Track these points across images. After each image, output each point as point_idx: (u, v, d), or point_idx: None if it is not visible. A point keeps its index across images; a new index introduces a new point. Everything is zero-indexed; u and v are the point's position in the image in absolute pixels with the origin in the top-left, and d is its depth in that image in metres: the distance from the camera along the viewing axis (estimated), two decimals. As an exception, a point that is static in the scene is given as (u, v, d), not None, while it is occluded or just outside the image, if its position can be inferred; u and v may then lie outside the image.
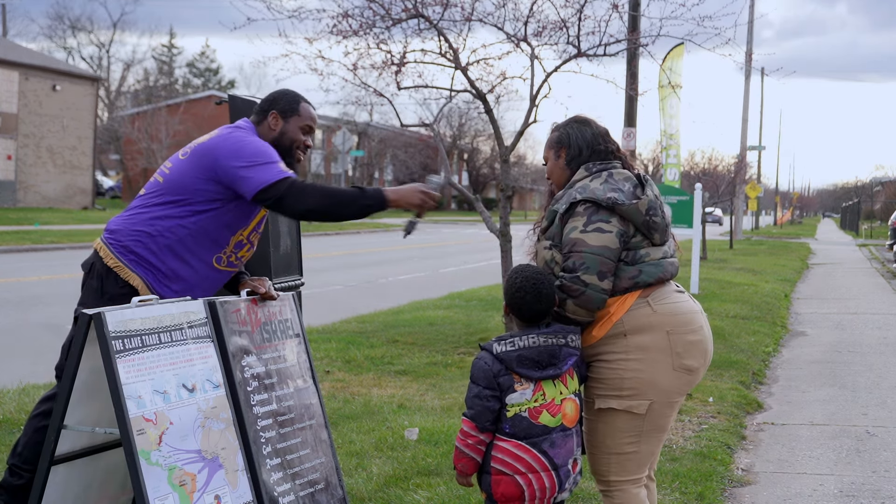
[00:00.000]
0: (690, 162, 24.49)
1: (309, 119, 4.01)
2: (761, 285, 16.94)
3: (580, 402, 3.44)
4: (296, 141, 3.97)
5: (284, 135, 3.95)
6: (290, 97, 4.02)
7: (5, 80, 38.62)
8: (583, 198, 3.39)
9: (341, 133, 42.24)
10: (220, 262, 3.89)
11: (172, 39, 72.60)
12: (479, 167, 74.03)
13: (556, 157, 3.61)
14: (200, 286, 3.88)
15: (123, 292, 3.73)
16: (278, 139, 3.94)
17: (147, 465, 3.21)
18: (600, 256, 3.32)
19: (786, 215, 77.79)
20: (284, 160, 3.91)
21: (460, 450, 3.37)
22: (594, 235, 3.33)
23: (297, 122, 3.97)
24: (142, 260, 3.77)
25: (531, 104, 9.34)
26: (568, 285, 3.34)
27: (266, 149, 3.80)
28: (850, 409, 7.46)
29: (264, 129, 3.96)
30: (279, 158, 3.79)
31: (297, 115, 3.97)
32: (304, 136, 4.00)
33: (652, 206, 3.43)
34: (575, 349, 3.36)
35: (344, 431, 5.87)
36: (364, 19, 9.38)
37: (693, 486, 5.12)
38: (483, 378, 3.30)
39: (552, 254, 3.45)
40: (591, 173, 3.51)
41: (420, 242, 31.21)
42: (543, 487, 3.31)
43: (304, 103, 4.03)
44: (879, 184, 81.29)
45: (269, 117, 3.97)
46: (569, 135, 3.59)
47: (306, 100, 4.06)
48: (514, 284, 3.39)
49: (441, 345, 9.35)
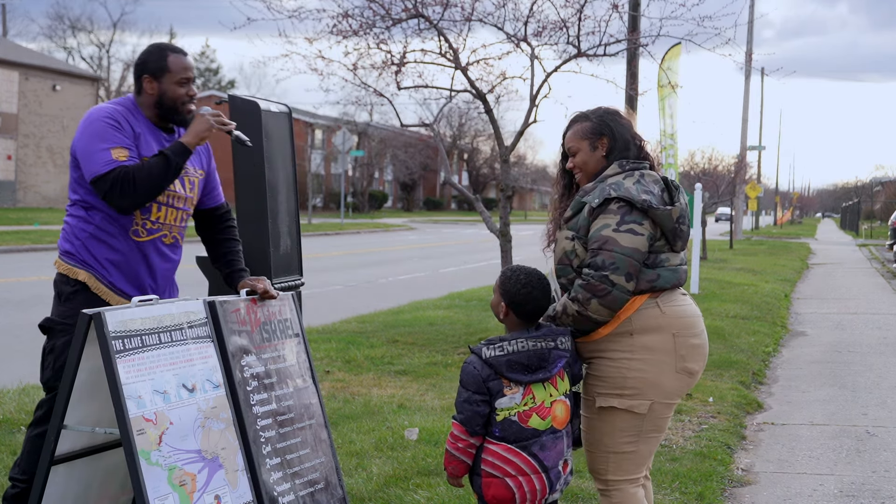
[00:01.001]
0: (690, 162, 24.47)
1: (182, 71, 3.89)
2: (761, 285, 16.93)
3: (571, 403, 3.43)
4: (177, 98, 3.88)
5: (164, 95, 3.87)
6: (156, 54, 3.91)
7: (5, 80, 38.62)
8: (617, 195, 3.34)
9: (341, 133, 42.24)
10: (138, 235, 3.84)
11: (172, 39, 72.57)
12: (479, 167, 74.05)
13: (593, 147, 3.51)
14: (143, 265, 3.87)
15: (76, 289, 3.80)
16: (159, 102, 3.88)
17: (147, 465, 3.21)
18: (630, 258, 3.30)
19: (786, 215, 77.75)
20: (174, 121, 3.88)
21: (451, 453, 3.36)
22: (627, 236, 3.30)
23: (171, 79, 3.87)
24: (77, 256, 3.83)
25: (531, 104, 9.34)
26: (595, 284, 3.30)
27: (99, 131, 3.73)
28: (850, 409, 7.46)
29: (144, 97, 3.90)
30: (113, 143, 3.70)
31: (168, 71, 3.87)
32: (183, 88, 3.89)
33: (683, 213, 3.42)
34: (564, 351, 3.35)
35: (344, 431, 5.87)
36: (364, 19, 9.38)
37: (693, 486, 5.12)
38: (472, 383, 3.28)
39: (573, 245, 3.40)
40: (624, 170, 3.46)
41: (420, 242, 31.21)
42: (534, 490, 3.31)
43: (174, 55, 3.91)
44: (879, 184, 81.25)
45: (144, 83, 3.89)
46: (610, 126, 3.51)
47: (175, 48, 3.94)
48: (520, 281, 3.38)
49: (441, 345, 9.35)
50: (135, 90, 3.95)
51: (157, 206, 3.86)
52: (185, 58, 3.94)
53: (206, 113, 3.84)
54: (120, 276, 3.83)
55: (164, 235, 3.92)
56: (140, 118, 3.88)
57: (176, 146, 3.76)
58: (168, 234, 3.94)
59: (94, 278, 3.80)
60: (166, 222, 3.92)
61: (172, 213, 3.93)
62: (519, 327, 3.39)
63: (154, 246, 3.90)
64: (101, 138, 3.72)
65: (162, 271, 3.95)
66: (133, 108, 3.89)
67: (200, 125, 3.81)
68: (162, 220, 3.90)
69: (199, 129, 3.81)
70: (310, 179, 49.03)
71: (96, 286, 3.80)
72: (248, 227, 5.07)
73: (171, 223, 3.94)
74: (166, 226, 3.93)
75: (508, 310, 3.40)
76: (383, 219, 51.10)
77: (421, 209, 73.70)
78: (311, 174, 52.71)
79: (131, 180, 3.65)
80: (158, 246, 3.91)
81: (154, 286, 3.93)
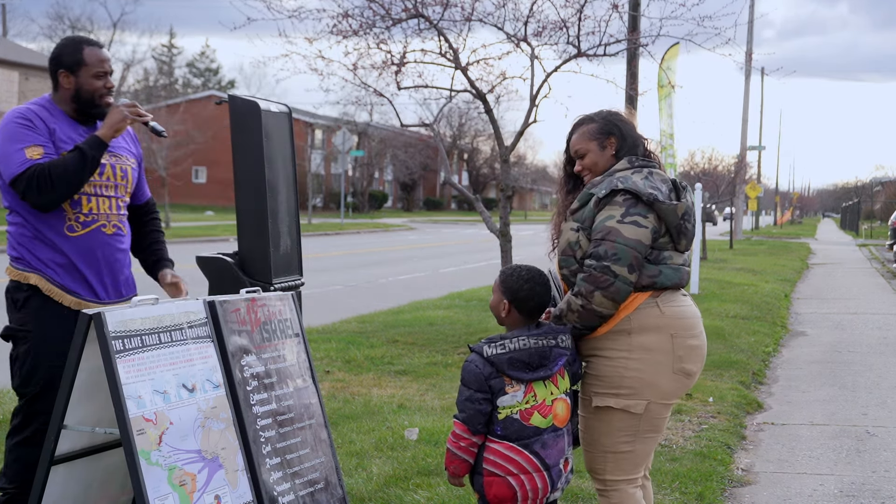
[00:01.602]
0: (690, 162, 24.46)
1: (98, 64, 3.88)
2: (761, 285, 16.93)
3: (572, 401, 3.44)
4: (94, 91, 3.87)
5: (81, 89, 3.87)
6: (70, 48, 3.89)
7: (5, 80, 38.62)
8: (624, 188, 3.36)
9: (341, 133, 42.26)
10: (73, 230, 3.83)
11: (172, 39, 72.68)
12: (479, 167, 74.06)
13: (602, 147, 3.54)
14: (88, 261, 3.86)
15: (28, 294, 3.80)
16: (76, 96, 3.87)
17: (147, 465, 3.21)
18: (633, 250, 3.30)
19: (786, 215, 77.76)
20: (93, 114, 3.87)
21: (452, 452, 3.36)
22: (630, 228, 3.31)
23: (87, 72, 3.86)
24: (24, 260, 3.83)
25: (531, 104, 9.35)
26: (597, 275, 3.30)
27: (11, 133, 3.73)
28: (850, 409, 7.46)
29: (61, 92, 3.89)
30: (26, 142, 3.70)
31: (84, 65, 3.86)
32: (100, 81, 3.88)
33: (688, 211, 3.44)
34: (565, 349, 3.35)
35: (344, 431, 5.87)
36: (364, 19, 9.39)
37: (693, 486, 5.12)
38: (474, 381, 3.28)
39: (578, 236, 3.41)
40: (634, 166, 3.48)
41: (420, 242, 31.22)
42: (536, 488, 3.31)
43: (89, 47, 3.89)
44: (879, 184, 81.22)
45: (60, 77, 3.88)
46: (617, 125, 3.55)
47: (91, 41, 3.93)
48: (522, 277, 3.39)
49: (441, 345, 9.35)
50: (52, 86, 3.94)
51: (87, 197, 3.84)
52: (101, 50, 3.92)
53: (120, 104, 3.83)
54: (67, 276, 3.83)
55: (102, 225, 3.90)
56: (57, 114, 3.87)
57: (91, 140, 3.76)
58: (107, 224, 3.91)
59: (44, 280, 3.80)
60: (101, 212, 3.90)
61: (105, 203, 3.91)
62: (520, 325, 3.39)
63: (95, 238, 3.87)
64: (14, 140, 3.72)
65: (111, 262, 3.92)
66: (49, 105, 3.89)
67: (115, 116, 3.81)
68: (95, 211, 3.88)
69: (114, 120, 3.80)
70: (310, 179, 49.06)
71: (48, 288, 3.80)
72: (248, 227, 5.07)
73: (107, 212, 3.92)
74: (102, 215, 3.90)
75: (511, 307, 3.39)
76: (383, 219, 51.07)
77: (421, 209, 73.70)
78: (311, 174, 52.73)
79: (47, 177, 3.65)
80: (100, 237, 3.89)
81: (105, 283, 3.91)
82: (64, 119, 3.87)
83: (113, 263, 3.94)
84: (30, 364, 3.76)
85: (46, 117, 3.82)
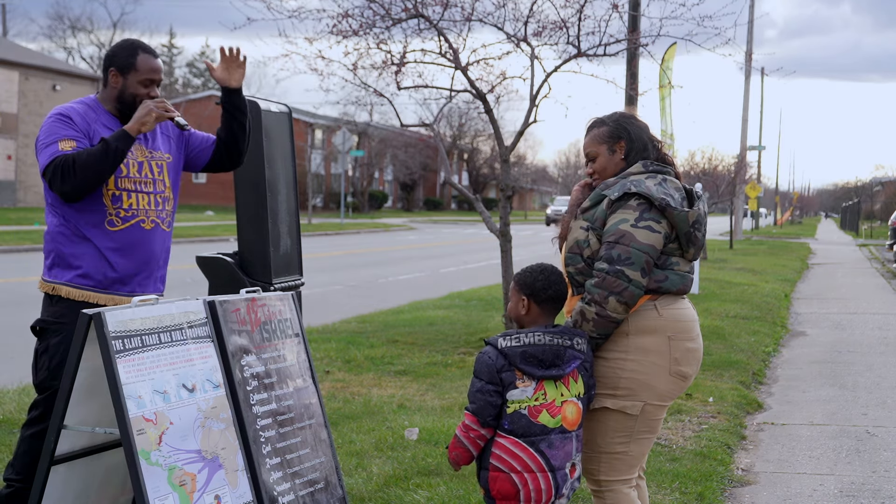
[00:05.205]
0: (690, 162, 24.47)
1: (148, 72, 3.93)
2: (761, 285, 16.94)
3: (584, 408, 3.42)
4: (137, 96, 3.91)
5: (125, 91, 3.91)
6: (127, 51, 3.94)
7: (5, 80, 38.62)
8: (637, 191, 3.36)
9: (341, 133, 42.23)
10: (113, 225, 3.87)
11: (172, 39, 72.70)
12: (479, 167, 74.03)
13: (611, 151, 3.55)
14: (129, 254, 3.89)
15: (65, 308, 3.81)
16: (120, 97, 3.91)
17: (147, 465, 3.21)
18: (646, 254, 3.32)
19: (786, 215, 77.76)
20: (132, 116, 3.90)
21: (460, 440, 3.36)
22: (644, 233, 3.32)
23: (135, 77, 3.91)
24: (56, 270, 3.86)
25: (531, 104, 9.35)
26: (611, 280, 3.30)
27: (48, 128, 3.80)
28: (850, 409, 7.46)
29: (108, 90, 3.94)
30: (61, 136, 3.77)
31: (134, 69, 3.90)
32: (146, 89, 3.93)
33: (699, 219, 3.45)
34: (580, 352, 3.35)
35: (344, 431, 5.87)
36: (364, 19, 9.38)
37: (693, 486, 5.12)
38: (486, 373, 3.30)
39: (587, 235, 3.42)
40: (648, 171, 3.48)
41: (420, 242, 31.22)
42: (539, 489, 3.30)
43: (143, 54, 3.93)
44: (879, 184, 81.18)
45: (109, 76, 3.93)
46: (627, 129, 3.55)
47: (147, 48, 3.96)
48: (535, 270, 3.43)
49: (441, 345, 9.35)
50: (102, 81, 4.00)
51: (127, 193, 3.89)
52: (155, 60, 3.97)
53: (150, 104, 3.86)
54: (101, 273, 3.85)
55: (141, 221, 3.94)
56: (100, 112, 3.93)
57: (118, 133, 3.80)
58: (146, 220, 3.96)
59: (74, 289, 3.84)
60: (140, 207, 3.94)
61: (144, 199, 3.95)
62: (539, 323, 3.40)
63: (135, 233, 3.92)
64: (50, 134, 3.79)
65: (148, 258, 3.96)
66: (94, 104, 3.95)
67: (142, 111, 3.84)
68: (135, 207, 3.93)
69: (141, 114, 3.83)
70: (310, 179, 49.02)
71: (79, 295, 3.83)
72: (248, 227, 5.08)
73: (146, 208, 3.96)
74: (141, 210, 3.94)
75: (530, 302, 3.41)
76: (383, 219, 51.06)
77: (421, 209, 73.69)
78: (311, 174, 52.70)
79: (70, 165, 3.70)
80: (139, 232, 3.93)
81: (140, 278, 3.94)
82: (107, 116, 3.94)
83: (150, 260, 3.98)
84: (60, 357, 3.76)
85: (87, 114, 3.89)
